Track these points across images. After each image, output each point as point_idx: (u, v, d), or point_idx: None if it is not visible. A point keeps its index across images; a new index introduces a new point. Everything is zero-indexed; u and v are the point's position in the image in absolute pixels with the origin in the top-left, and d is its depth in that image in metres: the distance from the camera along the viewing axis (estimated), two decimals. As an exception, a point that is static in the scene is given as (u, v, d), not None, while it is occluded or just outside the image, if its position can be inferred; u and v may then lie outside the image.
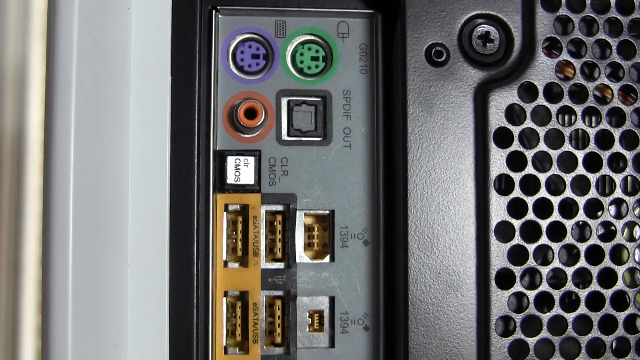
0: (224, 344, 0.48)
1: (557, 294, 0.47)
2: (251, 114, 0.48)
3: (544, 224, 0.47)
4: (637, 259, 0.47)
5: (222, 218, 0.48)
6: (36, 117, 0.93)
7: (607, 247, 0.47)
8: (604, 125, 0.48)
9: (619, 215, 0.48)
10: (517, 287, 0.46)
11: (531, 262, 0.47)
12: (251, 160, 0.48)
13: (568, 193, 0.47)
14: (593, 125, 0.48)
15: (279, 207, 0.48)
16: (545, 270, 0.47)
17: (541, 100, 0.47)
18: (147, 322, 0.45)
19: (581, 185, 0.47)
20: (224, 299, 0.48)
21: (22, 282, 0.87)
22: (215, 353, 0.47)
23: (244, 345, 0.48)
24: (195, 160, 0.46)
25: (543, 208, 0.47)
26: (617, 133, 0.48)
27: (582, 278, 0.47)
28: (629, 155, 0.48)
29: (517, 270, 0.46)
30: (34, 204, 0.90)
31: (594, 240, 0.47)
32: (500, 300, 0.46)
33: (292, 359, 0.48)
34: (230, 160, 0.48)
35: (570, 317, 0.47)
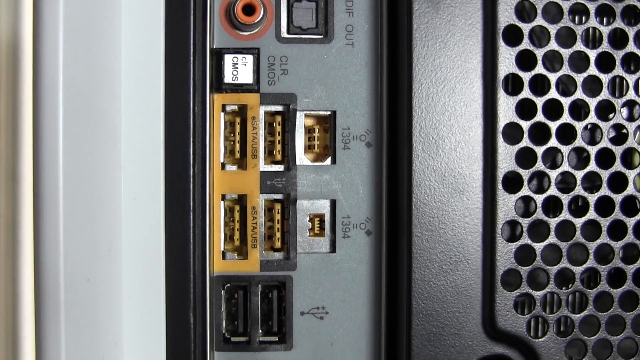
0: (222, 249, 0.47)
1: (565, 199, 0.46)
2: (249, 10, 0.46)
3: (553, 125, 0.45)
4: (649, 162, 0.46)
5: (219, 119, 0.47)
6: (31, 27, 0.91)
7: (618, 150, 0.46)
8: (618, 23, 0.46)
9: (631, 118, 0.47)
10: (525, 191, 0.45)
11: (539, 166, 0.45)
12: (249, 58, 0.46)
13: (579, 94, 0.46)
14: (605, 23, 0.46)
15: (279, 108, 0.47)
16: (553, 174, 0.46)
17: (553, -4, 0.46)
18: (142, 227, 0.44)
19: (592, 86, 0.46)
20: (222, 202, 0.47)
21: (20, 192, 0.86)
22: (213, 258, 0.46)
23: (243, 250, 0.47)
24: (191, 58, 0.44)
25: (552, 109, 0.46)
26: (631, 32, 0.46)
27: (592, 182, 0.46)
28: (643, 54, 0.46)
29: (525, 174, 0.45)
30: (30, 112, 0.89)
31: (604, 143, 0.46)
32: (507, 204, 0.45)
33: (292, 264, 0.47)
34: (228, 59, 0.46)
35: (578, 222, 0.46)
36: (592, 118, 0.46)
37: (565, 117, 0.46)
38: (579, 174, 0.46)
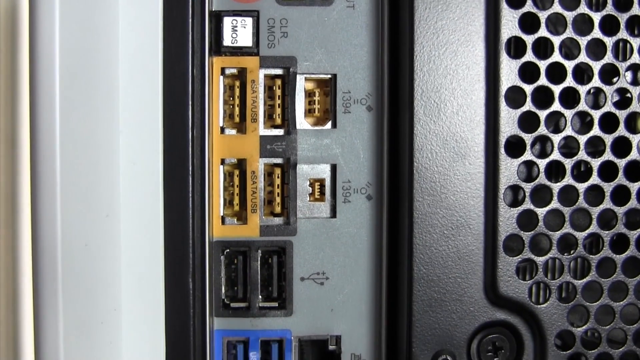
0: (222, 214, 0.47)
1: (568, 163, 0.45)
2: (248, -29, 0.46)
3: (556, 89, 0.45)
4: (653, 127, 0.46)
5: (218, 82, 0.46)
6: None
7: (622, 114, 0.45)
8: (623, -15, 0.45)
9: (635, 82, 0.46)
10: (528, 156, 0.45)
11: (542, 130, 0.45)
12: (249, 21, 0.46)
13: (582, 57, 0.45)
14: (610, -15, 0.46)
15: (279, 71, 0.46)
16: (556, 138, 0.45)
17: (557, -43, 0.45)
18: (140, 191, 0.44)
19: (596, 50, 0.45)
20: (221, 167, 0.46)
21: (18, 158, 0.86)
22: (212, 223, 0.46)
23: (242, 215, 0.47)
24: (190, 21, 0.44)
25: (555, 73, 0.45)
26: (636, -6, 0.45)
27: (595, 147, 0.46)
28: (648, 17, 0.46)
29: (528, 138, 0.45)
30: (28, 77, 0.88)
31: (608, 107, 0.45)
32: (509, 168, 0.45)
33: (292, 229, 0.46)
34: (227, 21, 0.46)
35: (581, 187, 0.45)
36: (596, 82, 0.45)
37: (569, 81, 0.45)
38: (582, 139, 0.45)
